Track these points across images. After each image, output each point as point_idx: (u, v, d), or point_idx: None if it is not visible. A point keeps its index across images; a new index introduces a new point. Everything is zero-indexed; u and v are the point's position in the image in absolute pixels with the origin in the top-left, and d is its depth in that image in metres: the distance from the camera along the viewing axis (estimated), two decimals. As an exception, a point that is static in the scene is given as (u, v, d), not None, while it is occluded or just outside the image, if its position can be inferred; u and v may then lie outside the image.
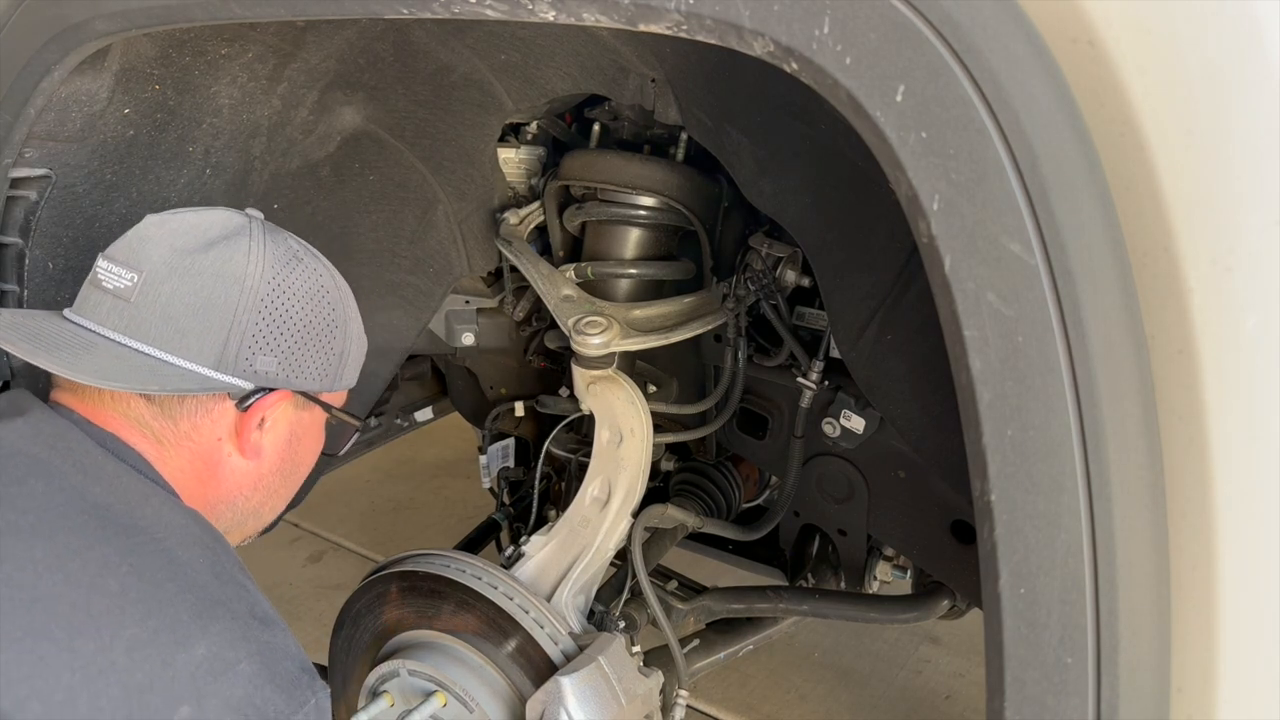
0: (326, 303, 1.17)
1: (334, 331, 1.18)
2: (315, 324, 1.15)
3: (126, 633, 0.90)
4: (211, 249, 1.10)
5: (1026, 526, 0.76)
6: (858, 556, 1.81)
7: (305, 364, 1.15)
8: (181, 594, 0.96)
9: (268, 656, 0.98)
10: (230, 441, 1.14)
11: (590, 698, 1.42)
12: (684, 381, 1.90)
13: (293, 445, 1.21)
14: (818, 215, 1.36)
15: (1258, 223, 0.71)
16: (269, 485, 1.21)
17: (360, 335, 1.27)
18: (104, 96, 1.33)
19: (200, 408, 1.11)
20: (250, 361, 1.10)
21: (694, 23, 0.81)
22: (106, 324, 1.08)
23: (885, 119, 0.75)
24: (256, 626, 1.00)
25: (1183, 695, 0.79)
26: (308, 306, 1.14)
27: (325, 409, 1.23)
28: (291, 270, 1.14)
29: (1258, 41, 0.70)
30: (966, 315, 0.75)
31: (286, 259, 1.14)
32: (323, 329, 1.17)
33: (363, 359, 1.29)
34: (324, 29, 1.45)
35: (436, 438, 3.95)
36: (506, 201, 1.82)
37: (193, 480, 1.13)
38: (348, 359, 1.23)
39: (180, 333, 1.07)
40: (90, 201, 1.42)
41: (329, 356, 1.18)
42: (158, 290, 1.07)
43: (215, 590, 1.00)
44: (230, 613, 0.99)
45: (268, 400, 1.13)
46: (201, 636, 0.94)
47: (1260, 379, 0.73)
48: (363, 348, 1.28)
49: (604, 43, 1.43)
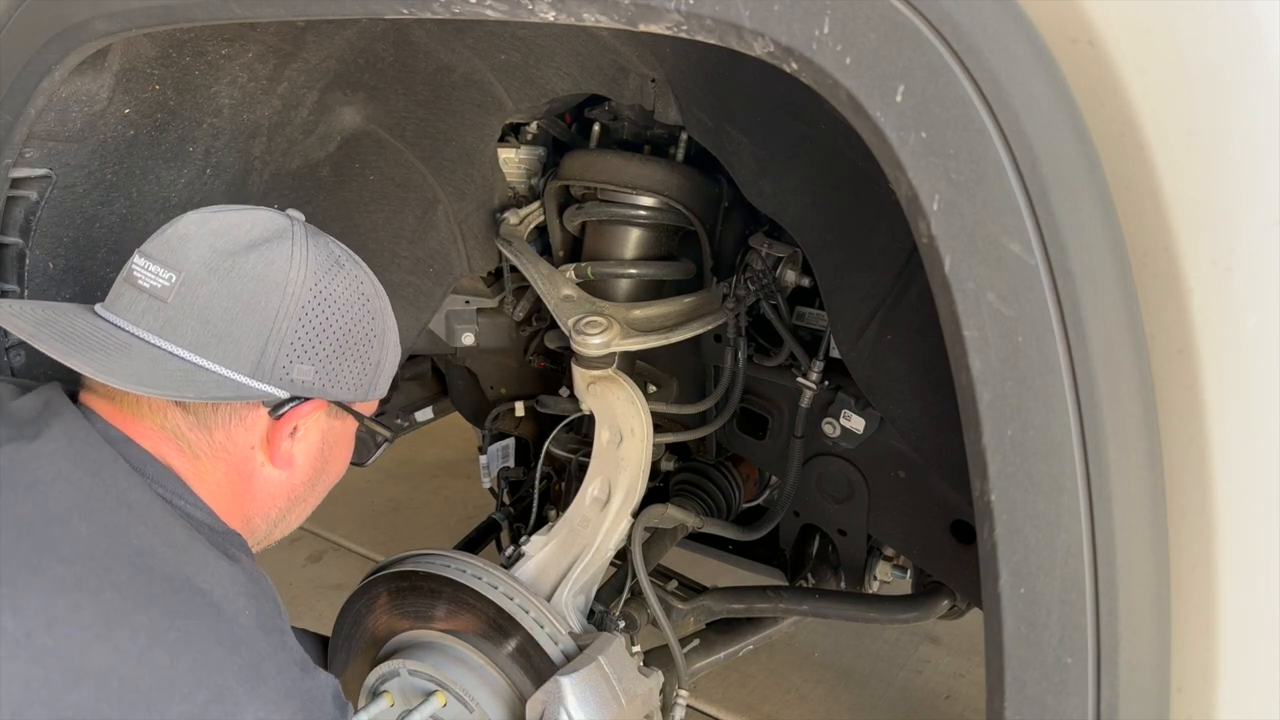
0: (367, 311, 1.14)
1: (372, 341, 1.15)
2: (355, 333, 1.12)
3: (175, 710, 0.87)
4: (253, 251, 1.06)
5: (1026, 526, 0.76)
6: (858, 556, 1.81)
7: (342, 374, 1.12)
8: (229, 657, 0.93)
9: (311, 708, 0.98)
10: (262, 450, 1.11)
11: (590, 697, 1.42)
12: (684, 381, 1.90)
13: (324, 455, 1.18)
14: (818, 215, 1.36)
15: (1258, 223, 0.71)
16: (298, 495, 1.18)
17: (396, 344, 1.23)
18: (104, 96, 1.33)
19: (234, 416, 1.08)
20: (287, 370, 1.06)
21: (694, 23, 0.81)
22: (141, 324, 1.04)
23: (885, 119, 0.75)
24: (300, 678, 0.99)
25: (1183, 695, 0.79)
26: (348, 315, 1.11)
27: (358, 419, 1.21)
28: (334, 277, 1.10)
29: (1258, 41, 0.70)
30: (966, 315, 0.75)
31: (329, 265, 1.11)
32: (361, 338, 1.13)
33: (396, 368, 1.25)
34: (324, 29, 1.45)
35: (436, 438, 3.94)
36: (506, 201, 1.82)
37: (228, 494, 1.10)
38: (383, 368, 1.20)
39: (218, 338, 1.03)
40: (91, 201, 1.42)
41: (365, 366, 1.15)
42: (196, 292, 1.03)
43: (262, 646, 0.97)
44: (277, 668, 0.97)
45: (303, 409, 1.10)
46: (250, 702, 0.92)
47: (1260, 379, 0.73)
48: (397, 356, 1.25)
49: (604, 43, 1.43)
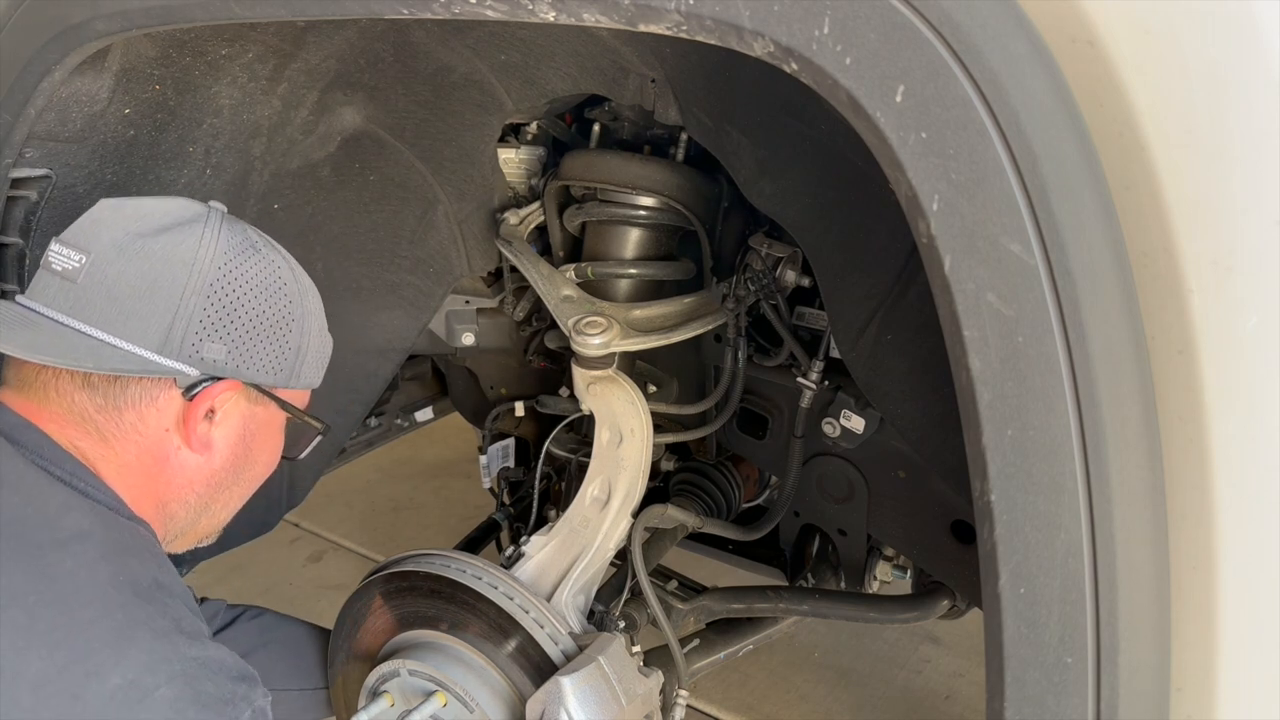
0: (283, 295, 1.14)
1: (289, 325, 1.15)
2: (269, 315, 1.12)
3: (31, 669, 0.86)
4: (164, 234, 1.06)
5: (1026, 526, 0.76)
6: (858, 556, 1.81)
7: (257, 355, 1.11)
8: (98, 619, 0.91)
9: (193, 675, 0.94)
10: (178, 432, 1.10)
11: (590, 698, 1.42)
12: (684, 382, 1.90)
13: (246, 442, 1.17)
14: (818, 216, 1.36)
15: (1258, 223, 0.71)
16: (220, 482, 1.17)
17: (322, 334, 1.22)
18: (104, 97, 1.33)
19: (145, 395, 1.07)
20: (196, 348, 1.06)
21: (694, 23, 0.81)
22: (53, 305, 1.05)
23: (885, 119, 0.75)
24: (183, 643, 0.96)
25: (1183, 695, 0.79)
26: (261, 297, 1.11)
27: (284, 407, 1.19)
28: (246, 259, 1.10)
29: (1257, 41, 0.70)
30: (966, 315, 0.75)
31: (242, 248, 1.11)
32: (277, 321, 1.13)
33: (326, 359, 1.25)
34: (324, 29, 1.45)
35: (436, 438, 3.95)
36: (506, 202, 1.82)
37: (141, 477, 1.09)
38: (305, 356, 1.19)
39: (124, 315, 1.03)
40: (91, 202, 1.41)
41: (283, 350, 1.15)
42: (104, 271, 1.04)
43: (136, 610, 0.95)
44: (152, 632, 0.94)
45: (215, 389, 1.09)
46: (116, 664, 0.90)
47: (1260, 379, 0.73)
48: (325, 348, 1.24)
49: (604, 43, 1.43)
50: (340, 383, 1.91)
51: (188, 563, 1.79)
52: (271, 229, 1.69)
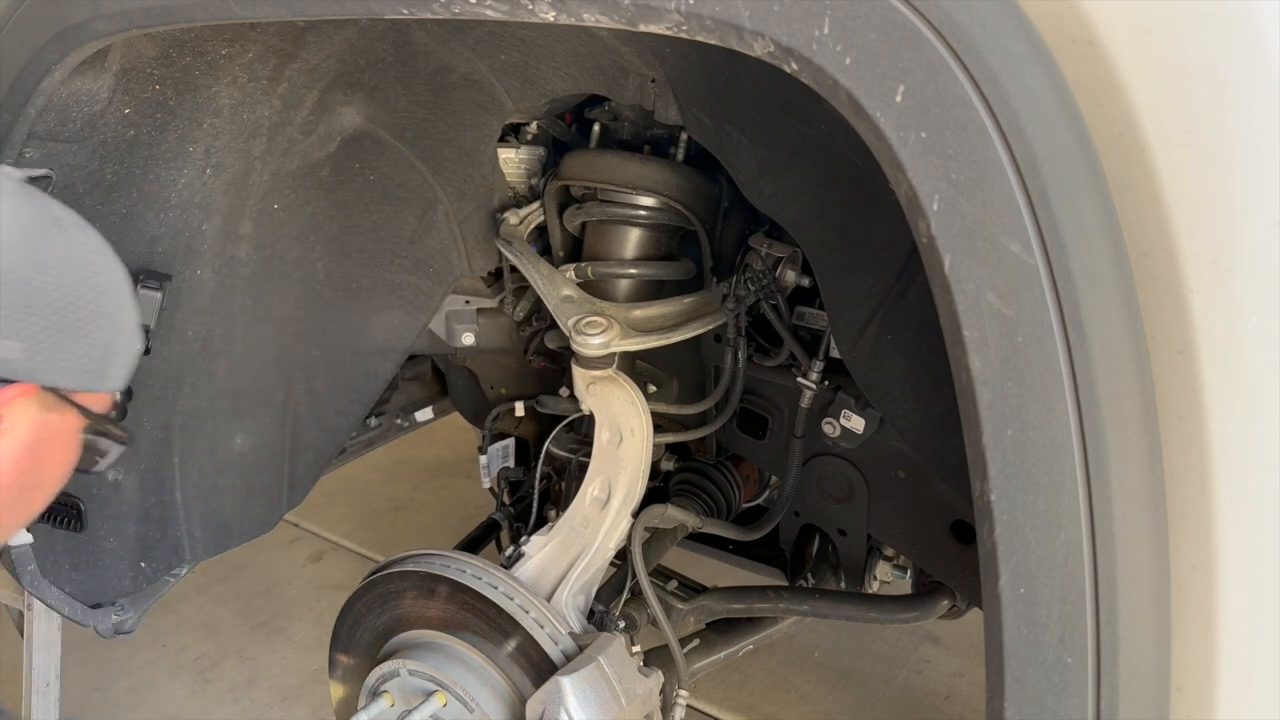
0: (94, 285, 0.98)
1: (99, 320, 0.99)
2: (76, 308, 0.96)
3: None
4: None
5: (1026, 526, 0.76)
6: (858, 556, 1.81)
7: (59, 355, 0.95)
8: None
9: None
10: None
11: (590, 698, 1.42)
12: (684, 382, 1.90)
13: (34, 453, 0.99)
14: (818, 216, 1.36)
15: (1258, 223, 0.71)
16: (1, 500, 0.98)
17: (134, 329, 1.06)
18: (104, 97, 1.33)
19: None
20: None
21: (694, 23, 0.81)
22: None
23: (885, 119, 0.75)
24: None
25: (1183, 695, 0.79)
26: (68, 286, 0.95)
27: (85, 415, 1.02)
28: (50, 240, 0.95)
29: (1257, 41, 0.70)
30: (966, 315, 0.75)
31: (45, 227, 0.96)
32: (86, 315, 0.97)
33: (135, 359, 1.09)
34: (324, 29, 1.45)
35: (436, 438, 3.95)
36: (506, 201, 1.82)
37: None
38: (115, 354, 1.03)
39: None
40: (91, 201, 1.42)
41: (91, 349, 0.98)
42: None
43: None
44: None
45: (4, 395, 0.93)
46: None
47: (1260, 379, 0.73)
48: (136, 344, 1.08)
49: (604, 43, 1.43)
50: (340, 383, 1.91)
51: (188, 563, 1.79)
52: (271, 229, 1.70)
